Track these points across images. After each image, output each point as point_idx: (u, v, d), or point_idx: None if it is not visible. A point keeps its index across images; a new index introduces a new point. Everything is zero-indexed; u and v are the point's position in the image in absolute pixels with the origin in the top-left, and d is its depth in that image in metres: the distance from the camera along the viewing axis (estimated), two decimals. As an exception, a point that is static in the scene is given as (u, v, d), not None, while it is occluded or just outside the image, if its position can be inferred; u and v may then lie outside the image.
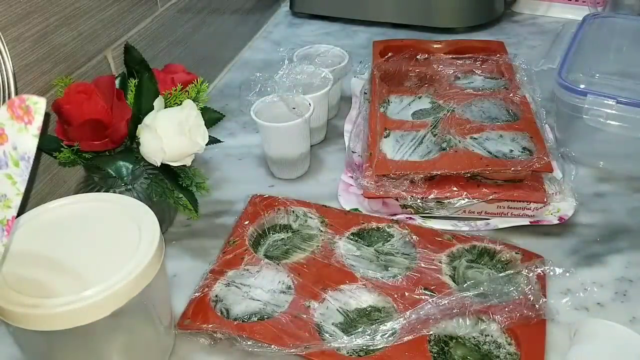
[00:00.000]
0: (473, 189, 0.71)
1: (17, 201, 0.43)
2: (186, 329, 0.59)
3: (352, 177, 0.79)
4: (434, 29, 1.18)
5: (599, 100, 0.75)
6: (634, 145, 0.78)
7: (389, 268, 0.65)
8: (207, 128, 0.66)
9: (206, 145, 0.65)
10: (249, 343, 0.57)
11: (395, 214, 0.73)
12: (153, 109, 0.65)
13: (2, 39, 0.57)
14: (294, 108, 0.79)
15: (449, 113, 0.81)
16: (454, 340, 0.57)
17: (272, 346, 0.56)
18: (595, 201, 0.76)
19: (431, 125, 0.80)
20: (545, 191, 0.71)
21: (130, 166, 0.63)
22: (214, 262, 0.66)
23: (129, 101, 0.66)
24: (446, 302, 0.57)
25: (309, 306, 0.60)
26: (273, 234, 0.72)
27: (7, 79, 0.57)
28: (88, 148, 0.63)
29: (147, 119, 0.64)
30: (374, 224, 0.70)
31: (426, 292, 0.61)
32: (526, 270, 0.60)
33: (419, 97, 0.87)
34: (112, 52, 0.78)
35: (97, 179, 0.67)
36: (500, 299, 0.57)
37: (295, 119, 0.78)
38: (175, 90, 0.68)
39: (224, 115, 0.75)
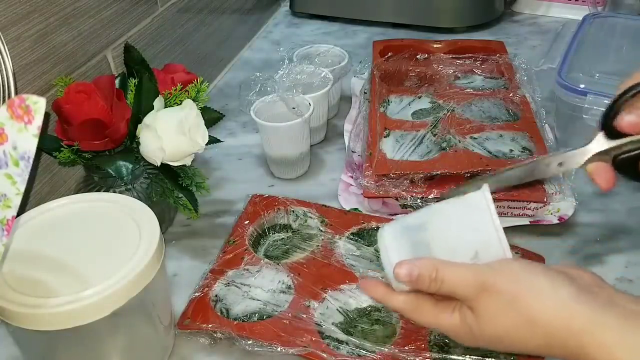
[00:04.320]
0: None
1: (17, 201, 0.43)
2: (186, 328, 0.59)
3: (352, 177, 0.79)
4: (434, 28, 1.18)
5: (599, 100, 0.75)
6: (633, 145, 0.78)
7: (389, 268, 0.65)
8: (207, 128, 0.66)
9: (206, 145, 0.65)
10: (249, 343, 0.57)
11: (395, 214, 0.73)
12: (153, 108, 0.65)
13: (2, 39, 0.57)
14: (294, 108, 0.79)
15: (449, 113, 0.81)
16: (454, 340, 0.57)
17: (272, 346, 0.56)
18: (595, 201, 0.76)
19: (431, 125, 0.80)
20: (545, 191, 0.71)
21: (130, 166, 0.63)
22: (214, 262, 0.66)
23: (129, 101, 0.67)
24: None
25: (309, 306, 0.60)
26: (273, 233, 0.72)
27: (7, 78, 0.57)
28: (88, 148, 0.63)
29: (147, 119, 0.64)
30: (374, 224, 0.70)
31: (426, 291, 0.61)
32: None
33: (419, 97, 0.87)
34: (112, 51, 0.78)
35: (97, 179, 0.67)
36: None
37: (295, 119, 0.78)
38: (175, 90, 0.68)
39: (224, 115, 0.75)
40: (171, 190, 0.68)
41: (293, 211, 0.73)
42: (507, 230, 0.71)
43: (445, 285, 0.44)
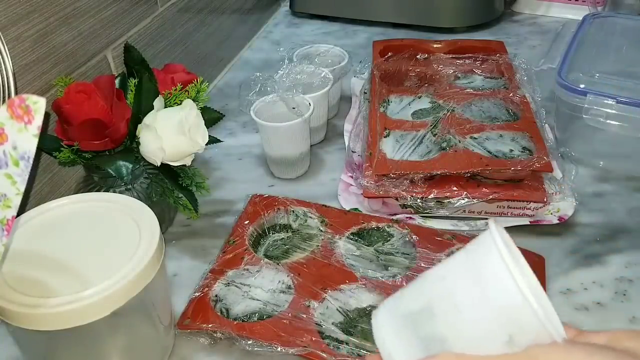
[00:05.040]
0: (473, 189, 0.71)
1: (17, 201, 0.43)
2: (186, 328, 0.59)
3: (352, 177, 0.79)
4: (434, 28, 1.18)
5: (599, 100, 0.75)
6: (634, 145, 0.78)
7: (389, 268, 0.65)
8: (207, 128, 0.66)
9: (206, 145, 0.65)
10: (249, 343, 0.57)
11: (395, 214, 0.73)
12: (153, 108, 0.65)
13: (2, 39, 0.57)
14: (294, 108, 0.79)
15: (449, 113, 0.81)
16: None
17: (272, 346, 0.56)
18: (595, 201, 0.76)
19: (431, 125, 0.80)
20: (545, 191, 0.71)
21: (130, 166, 0.63)
22: (214, 262, 0.66)
23: (129, 101, 0.67)
24: None
25: (309, 306, 0.60)
26: (273, 233, 0.72)
27: (7, 78, 0.57)
28: (88, 148, 0.63)
29: (147, 119, 0.64)
30: (374, 224, 0.70)
31: (426, 291, 0.61)
32: None
33: (419, 97, 0.87)
34: (112, 51, 0.78)
35: (97, 179, 0.67)
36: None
37: (295, 119, 0.78)
38: (175, 90, 0.68)
39: (224, 115, 0.75)
40: (171, 190, 0.68)
41: (293, 211, 0.73)
42: (508, 230, 0.72)
43: None
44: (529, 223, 0.71)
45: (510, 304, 0.32)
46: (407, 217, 0.73)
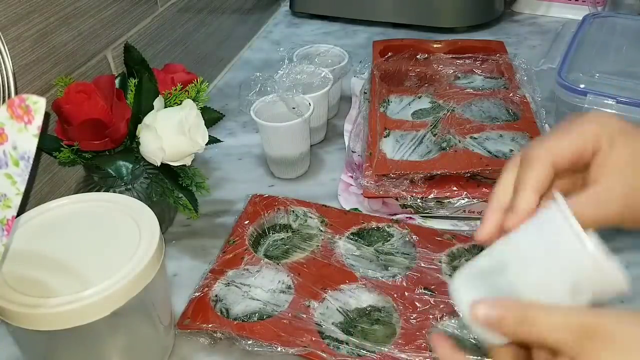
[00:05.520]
0: (473, 189, 0.71)
1: (17, 201, 0.43)
2: (186, 328, 0.59)
3: (352, 177, 0.79)
4: (434, 28, 1.18)
5: (599, 100, 0.75)
6: (633, 145, 0.78)
7: (389, 268, 0.65)
8: (207, 128, 0.66)
9: (206, 145, 0.65)
10: (249, 343, 0.57)
11: (395, 214, 0.73)
12: (153, 108, 0.65)
13: (2, 39, 0.57)
14: (294, 108, 0.79)
15: (449, 113, 0.81)
16: (453, 340, 0.57)
17: (272, 346, 0.56)
18: (595, 201, 0.76)
19: (431, 125, 0.80)
20: (545, 191, 0.71)
21: (130, 166, 0.63)
22: (214, 262, 0.66)
23: (129, 101, 0.67)
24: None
25: (309, 306, 0.60)
26: (273, 233, 0.72)
27: (7, 78, 0.57)
28: (88, 148, 0.63)
29: (147, 119, 0.64)
30: (374, 224, 0.70)
31: (426, 291, 0.61)
32: None
33: (419, 97, 0.87)
34: (112, 51, 0.78)
35: (97, 179, 0.67)
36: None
37: (295, 119, 0.78)
38: (175, 90, 0.68)
39: (224, 115, 0.75)
40: (171, 190, 0.68)
41: (293, 211, 0.73)
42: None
43: (536, 330, 0.34)
44: (529, 223, 0.71)
45: (577, 257, 0.36)
46: (407, 217, 0.73)
